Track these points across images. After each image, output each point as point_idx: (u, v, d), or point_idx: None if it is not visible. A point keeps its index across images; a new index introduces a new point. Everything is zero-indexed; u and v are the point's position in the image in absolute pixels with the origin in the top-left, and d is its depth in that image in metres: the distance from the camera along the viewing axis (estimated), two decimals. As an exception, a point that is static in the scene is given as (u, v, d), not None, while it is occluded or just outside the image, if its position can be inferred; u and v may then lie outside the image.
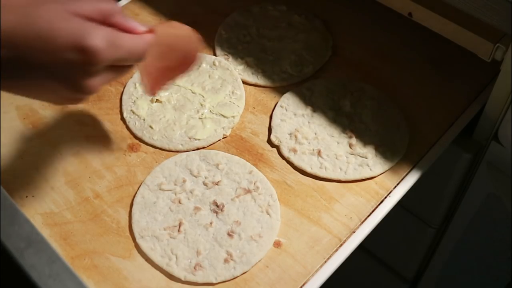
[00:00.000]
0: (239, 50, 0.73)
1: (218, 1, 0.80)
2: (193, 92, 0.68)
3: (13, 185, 0.60)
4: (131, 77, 0.70)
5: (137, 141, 0.64)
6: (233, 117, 0.66)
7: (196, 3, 0.80)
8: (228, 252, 0.55)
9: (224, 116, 0.65)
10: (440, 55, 0.72)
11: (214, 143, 0.64)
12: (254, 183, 0.59)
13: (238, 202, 0.58)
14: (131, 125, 0.65)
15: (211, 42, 0.74)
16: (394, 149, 0.62)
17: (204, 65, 0.70)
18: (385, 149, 0.62)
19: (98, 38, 0.41)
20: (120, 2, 0.79)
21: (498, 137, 0.65)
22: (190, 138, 0.64)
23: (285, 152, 0.62)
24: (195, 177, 0.60)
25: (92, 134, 0.65)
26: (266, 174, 0.61)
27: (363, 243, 0.56)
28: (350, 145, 0.62)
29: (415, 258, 0.92)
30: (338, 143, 0.63)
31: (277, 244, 0.56)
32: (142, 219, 0.57)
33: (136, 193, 0.59)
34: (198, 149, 0.63)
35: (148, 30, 0.46)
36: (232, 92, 0.68)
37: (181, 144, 0.63)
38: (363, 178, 0.60)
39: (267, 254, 0.55)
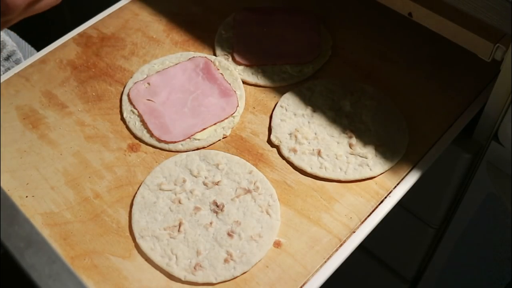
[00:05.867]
0: (239, 50, 0.73)
1: (218, 1, 0.80)
2: (193, 92, 0.68)
3: (13, 185, 0.61)
4: (131, 77, 0.70)
5: (137, 141, 0.64)
6: (233, 117, 0.66)
7: (196, 3, 0.80)
8: (228, 252, 0.55)
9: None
10: (440, 55, 0.72)
11: (214, 143, 0.64)
12: (254, 183, 0.59)
13: (238, 202, 0.58)
14: (131, 125, 0.65)
15: (211, 42, 0.74)
16: (394, 149, 0.62)
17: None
18: (385, 149, 0.62)
19: None
20: (120, 2, 0.79)
21: (498, 137, 0.65)
22: (190, 138, 0.64)
23: (285, 152, 0.62)
24: (195, 177, 0.60)
25: (92, 134, 0.65)
26: (266, 174, 0.61)
27: (363, 243, 0.56)
28: (350, 145, 0.62)
29: (415, 258, 0.92)
30: (338, 143, 0.63)
31: (277, 244, 0.56)
32: (142, 219, 0.57)
33: (136, 193, 0.59)
34: (198, 149, 0.63)
35: None
36: (232, 92, 0.68)
37: (181, 144, 0.63)
38: (363, 178, 0.60)
39: (267, 254, 0.55)
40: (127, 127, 0.66)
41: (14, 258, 0.47)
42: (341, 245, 0.55)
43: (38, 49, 0.74)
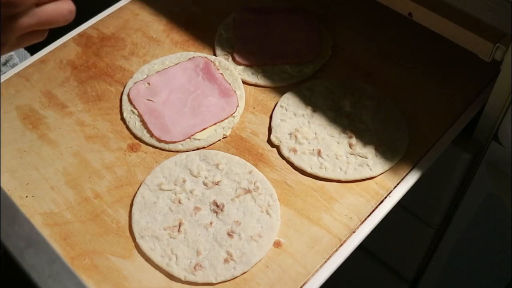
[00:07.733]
0: (239, 50, 0.73)
1: (218, 1, 0.80)
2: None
3: (13, 185, 0.61)
4: (131, 77, 0.70)
5: (137, 141, 0.64)
6: (233, 117, 0.66)
7: (196, 3, 0.80)
8: (228, 252, 0.55)
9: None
10: (440, 55, 0.72)
11: (214, 143, 0.64)
12: (254, 183, 0.59)
13: (238, 202, 0.58)
14: (131, 125, 0.65)
15: (211, 42, 0.74)
16: (394, 149, 0.62)
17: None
18: (385, 149, 0.62)
19: None
20: (120, 2, 0.79)
21: (498, 137, 0.65)
22: (190, 138, 0.64)
23: (285, 152, 0.62)
24: (195, 177, 0.60)
25: (92, 134, 0.65)
26: (266, 174, 0.61)
27: (363, 243, 0.56)
28: (350, 145, 0.62)
29: (415, 258, 0.92)
30: (338, 143, 0.63)
31: (277, 244, 0.56)
32: (142, 219, 0.57)
33: (136, 193, 0.59)
34: (198, 149, 0.63)
35: None
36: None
37: (181, 144, 0.63)
38: (363, 178, 0.60)
39: (267, 254, 0.55)
40: (127, 127, 0.66)
41: (14, 258, 0.47)
42: (341, 245, 0.55)
43: (37, 49, 0.74)
